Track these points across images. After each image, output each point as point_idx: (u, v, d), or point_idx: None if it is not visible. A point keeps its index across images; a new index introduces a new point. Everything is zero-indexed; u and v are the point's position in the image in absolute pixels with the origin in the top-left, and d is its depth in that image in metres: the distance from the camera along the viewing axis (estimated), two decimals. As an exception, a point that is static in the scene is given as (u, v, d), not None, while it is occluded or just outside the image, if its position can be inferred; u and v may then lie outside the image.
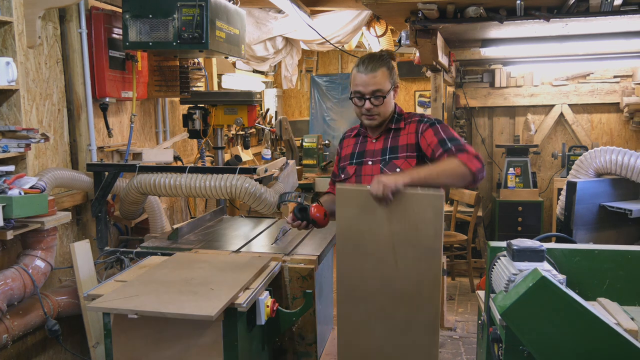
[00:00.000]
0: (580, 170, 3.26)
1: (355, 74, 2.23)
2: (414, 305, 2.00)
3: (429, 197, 1.95)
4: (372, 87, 2.18)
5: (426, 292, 1.98)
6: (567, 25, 3.39)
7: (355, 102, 2.25)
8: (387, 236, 1.99)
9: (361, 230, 2.02)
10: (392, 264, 2.00)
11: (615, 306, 1.82)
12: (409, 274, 1.99)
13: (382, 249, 2.00)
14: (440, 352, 3.91)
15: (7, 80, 2.64)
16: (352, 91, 2.24)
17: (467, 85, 6.19)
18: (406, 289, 2.00)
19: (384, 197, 1.94)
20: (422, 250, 1.97)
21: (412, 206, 1.96)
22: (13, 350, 2.80)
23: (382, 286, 2.02)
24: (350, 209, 2.03)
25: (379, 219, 1.99)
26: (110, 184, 3.22)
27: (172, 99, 4.40)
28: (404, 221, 1.97)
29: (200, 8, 3.01)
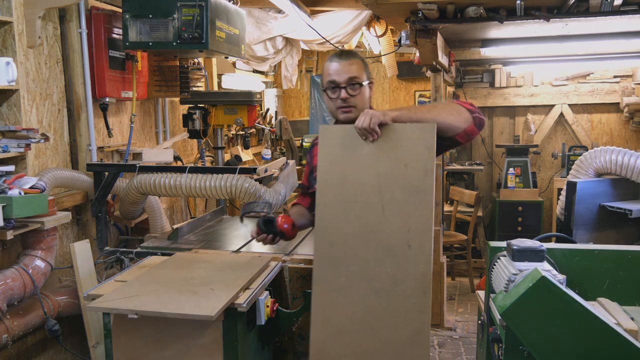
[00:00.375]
0: (580, 170, 3.26)
1: (328, 65, 2.04)
2: (402, 260, 1.74)
3: (420, 128, 1.77)
4: (347, 75, 1.99)
5: (416, 241, 1.74)
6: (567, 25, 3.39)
7: (329, 95, 2.03)
8: (373, 178, 1.79)
9: (344, 173, 1.82)
10: (378, 210, 1.77)
11: (615, 306, 1.82)
12: (396, 221, 1.75)
13: (367, 194, 1.79)
14: (440, 352, 3.91)
15: (7, 80, 2.64)
16: (325, 83, 2.04)
17: (467, 85, 6.19)
18: (393, 239, 1.75)
19: (371, 129, 1.77)
20: (411, 192, 1.75)
21: (401, 140, 1.77)
22: (13, 350, 2.80)
23: (366, 239, 1.78)
24: (333, 148, 1.83)
25: (365, 159, 1.80)
26: (110, 184, 3.22)
27: (172, 99, 4.40)
28: (391, 158, 1.78)
29: (200, 8, 3.01)
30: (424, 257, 1.73)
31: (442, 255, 4.32)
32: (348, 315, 1.78)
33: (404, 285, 1.73)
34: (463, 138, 1.90)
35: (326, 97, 2.04)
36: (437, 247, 4.26)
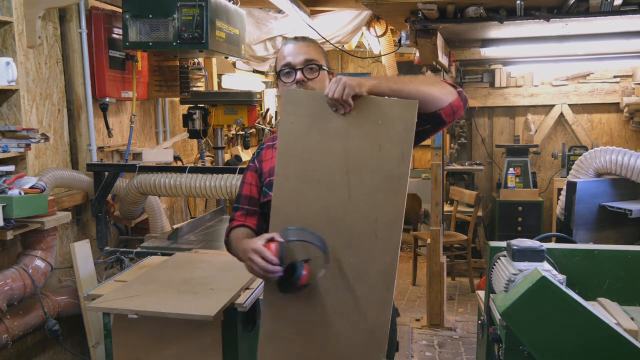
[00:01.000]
0: (580, 170, 3.26)
1: (282, 48, 1.80)
2: (367, 250, 1.56)
3: (400, 104, 1.54)
4: (303, 56, 1.74)
5: (384, 232, 1.54)
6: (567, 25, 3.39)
7: (283, 81, 1.75)
8: (341, 156, 1.57)
9: (308, 147, 1.58)
10: (343, 194, 1.56)
11: (615, 306, 1.82)
12: (363, 207, 1.55)
13: (333, 174, 1.57)
14: (440, 352, 3.91)
15: (7, 80, 2.64)
16: (278, 68, 1.77)
17: (467, 85, 6.18)
18: (359, 227, 1.56)
19: (343, 100, 1.52)
20: (383, 177, 1.54)
21: (377, 116, 1.54)
22: (13, 350, 2.80)
23: (327, 223, 1.56)
24: (297, 117, 1.59)
25: (333, 134, 1.57)
26: (110, 184, 3.22)
27: (172, 99, 4.40)
28: (364, 137, 1.55)
29: (200, 8, 3.01)
30: (391, 250, 1.55)
31: (442, 255, 4.32)
32: (301, 304, 1.60)
33: (367, 278, 1.56)
34: (448, 114, 1.66)
35: (280, 85, 1.77)
36: (437, 247, 4.26)
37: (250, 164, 1.89)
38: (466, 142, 6.27)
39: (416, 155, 6.98)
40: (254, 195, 1.83)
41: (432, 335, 4.21)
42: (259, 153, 1.87)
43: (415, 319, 4.49)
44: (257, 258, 1.51)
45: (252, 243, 1.55)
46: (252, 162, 1.88)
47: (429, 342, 4.09)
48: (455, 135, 6.17)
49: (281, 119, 1.61)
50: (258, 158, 1.87)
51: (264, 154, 1.86)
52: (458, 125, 6.13)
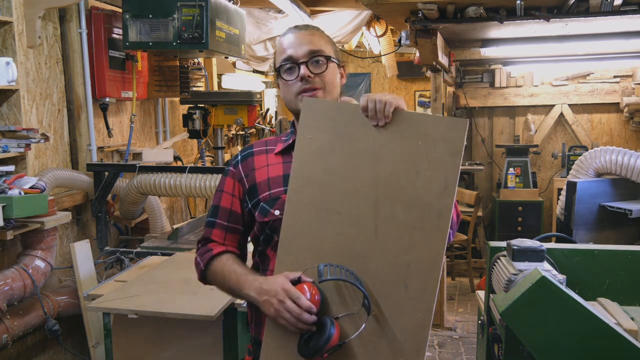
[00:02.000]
0: (580, 170, 3.26)
1: (281, 40, 1.49)
2: (394, 303, 1.26)
3: (446, 122, 1.28)
4: (307, 47, 1.44)
5: (416, 282, 1.25)
6: (567, 25, 3.39)
7: (284, 78, 1.45)
8: (369, 183, 1.28)
9: (329, 170, 1.30)
10: (369, 229, 1.28)
11: (615, 306, 1.82)
12: (392, 248, 1.26)
13: (357, 204, 1.28)
14: (440, 352, 3.91)
15: (7, 80, 2.64)
16: (279, 64, 1.47)
17: (467, 85, 6.18)
18: (385, 273, 1.26)
19: (384, 113, 1.27)
20: (420, 211, 1.26)
21: (417, 136, 1.27)
22: (13, 350, 2.80)
23: (347, 265, 1.28)
24: (318, 132, 1.31)
25: (360, 154, 1.29)
26: (110, 184, 3.22)
27: (172, 99, 4.40)
28: (399, 161, 1.27)
29: (200, 8, 3.01)
30: (424, 305, 1.25)
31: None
32: None
33: (392, 338, 1.26)
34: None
35: (281, 84, 1.48)
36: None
37: (230, 169, 1.53)
38: (466, 142, 6.27)
39: (416, 155, 6.95)
40: (236, 209, 1.50)
41: (432, 335, 4.21)
42: (246, 159, 1.52)
43: (415, 319, 4.48)
44: (290, 304, 1.20)
45: (278, 282, 1.25)
46: (235, 168, 1.52)
47: (429, 342, 4.08)
48: (455, 135, 6.16)
49: (299, 133, 1.34)
50: (245, 165, 1.51)
51: (256, 161, 1.51)
52: (458, 125, 6.12)
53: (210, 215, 1.52)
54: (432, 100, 4.34)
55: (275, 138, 1.56)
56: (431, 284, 1.25)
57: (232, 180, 1.51)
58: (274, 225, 1.41)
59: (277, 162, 1.49)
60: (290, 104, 1.46)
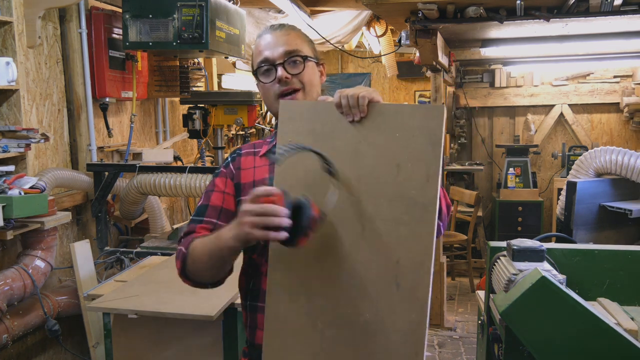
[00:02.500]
0: (580, 170, 3.26)
1: (257, 42, 1.47)
2: (386, 303, 1.23)
3: (423, 110, 1.24)
4: (283, 47, 1.42)
5: (407, 279, 1.21)
6: (567, 25, 3.39)
7: (262, 81, 1.44)
8: (351, 181, 1.24)
9: (310, 171, 1.26)
10: (354, 229, 1.24)
11: (615, 306, 1.82)
12: (380, 246, 1.23)
13: (341, 203, 1.25)
14: (440, 352, 3.91)
15: (7, 80, 2.64)
16: (256, 66, 1.45)
17: (467, 85, 6.19)
18: (375, 273, 1.23)
19: (359, 108, 1.23)
20: (405, 206, 1.22)
21: (394, 128, 1.23)
22: (13, 350, 2.80)
23: (335, 267, 1.25)
24: (296, 134, 1.28)
25: (340, 153, 1.25)
26: (110, 184, 3.22)
27: (172, 99, 4.40)
28: (378, 155, 1.24)
29: (200, 8, 3.01)
30: (417, 302, 1.21)
31: (442, 255, 4.32)
32: None
33: (387, 340, 1.22)
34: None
35: (260, 87, 1.46)
36: (437, 247, 4.26)
37: (221, 169, 1.49)
38: (466, 142, 6.28)
39: (416, 155, 6.96)
40: (228, 207, 1.43)
41: (432, 335, 4.21)
42: (235, 159, 1.49)
43: (415, 319, 4.49)
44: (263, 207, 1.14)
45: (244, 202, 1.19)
46: (226, 168, 1.49)
47: (429, 342, 4.09)
48: (455, 135, 6.17)
49: (278, 137, 1.30)
50: (234, 164, 1.49)
51: (243, 161, 1.48)
52: (458, 125, 6.13)
53: (197, 215, 1.44)
54: (432, 100, 4.34)
55: (263, 141, 1.53)
56: (423, 280, 1.21)
57: (224, 178, 1.47)
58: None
59: (262, 164, 1.46)
60: (271, 107, 1.43)
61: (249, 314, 1.46)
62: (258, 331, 1.41)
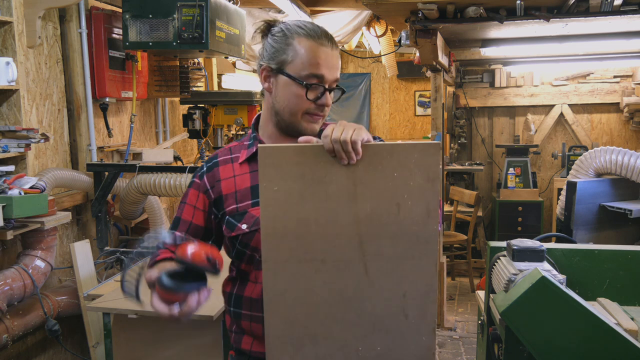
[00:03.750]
0: (580, 170, 3.26)
1: (315, 47, 1.34)
2: (397, 334, 1.27)
3: (419, 148, 1.23)
4: (337, 73, 1.38)
5: (415, 309, 1.27)
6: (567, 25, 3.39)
7: (307, 95, 1.35)
8: (350, 224, 1.24)
9: (303, 219, 1.24)
10: (358, 271, 1.26)
11: (615, 306, 1.82)
12: (385, 283, 1.26)
13: (342, 248, 1.25)
14: (440, 352, 3.92)
15: (7, 80, 2.64)
16: (304, 74, 1.34)
17: (467, 85, 6.19)
18: (383, 308, 1.26)
19: (354, 152, 1.18)
20: (407, 242, 1.25)
21: (391, 167, 1.23)
22: (13, 350, 2.80)
23: (342, 311, 1.26)
24: (284, 181, 1.23)
25: (335, 196, 1.23)
26: (110, 184, 3.22)
27: (172, 99, 4.40)
28: (378, 195, 1.23)
29: (200, 8, 3.01)
30: (426, 328, 1.27)
31: (442, 255, 4.32)
32: None
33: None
34: None
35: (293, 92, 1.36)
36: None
37: (195, 180, 1.44)
38: (466, 142, 6.28)
39: (416, 155, 6.96)
40: (197, 222, 1.42)
41: (432, 335, 4.21)
42: (212, 169, 1.43)
43: (415, 319, 4.49)
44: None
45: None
46: (200, 179, 1.43)
47: (429, 342, 4.09)
48: (455, 135, 6.18)
49: (261, 186, 1.21)
50: (211, 175, 1.42)
51: (221, 171, 1.42)
52: (458, 125, 6.14)
53: (171, 227, 1.45)
54: (432, 100, 4.35)
55: (239, 144, 1.47)
56: (430, 307, 1.26)
57: (197, 192, 1.43)
58: (243, 240, 1.36)
59: (243, 172, 1.41)
60: (292, 116, 1.37)
61: (233, 320, 1.45)
62: (245, 337, 1.41)
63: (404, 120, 7.19)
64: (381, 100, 7.24)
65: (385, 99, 7.23)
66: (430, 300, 1.26)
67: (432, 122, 4.32)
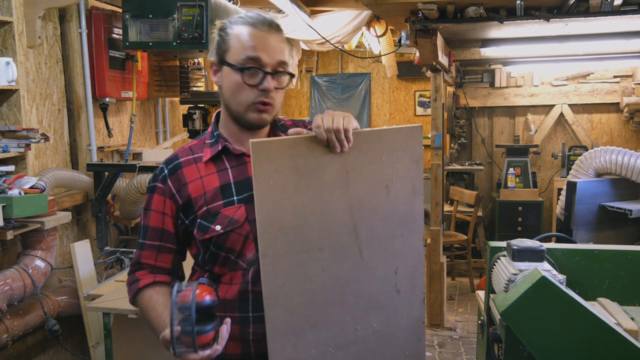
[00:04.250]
0: (580, 170, 3.26)
1: (249, 31, 1.31)
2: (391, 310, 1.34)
3: (404, 132, 1.29)
4: (279, 57, 1.32)
5: (406, 283, 1.34)
6: (567, 25, 3.39)
7: (244, 80, 1.30)
8: (344, 211, 1.27)
9: (299, 211, 1.25)
10: (354, 255, 1.29)
11: (615, 306, 1.82)
12: (379, 263, 1.31)
13: (338, 235, 1.27)
14: (440, 352, 3.91)
15: (7, 80, 2.64)
16: (241, 58, 1.30)
17: (467, 85, 6.19)
18: (377, 287, 1.32)
19: (345, 136, 1.22)
20: (396, 222, 1.30)
21: (379, 152, 1.27)
22: (13, 350, 2.80)
23: (341, 295, 1.29)
24: (278, 175, 1.22)
25: (329, 185, 1.25)
26: (110, 184, 3.22)
27: (172, 99, 4.40)
28: (368, 180, 1.28)
29: (200, 8, 3.01)
30: (416, 300, 1.35)
31: (442, 255, 4.32)
32: None
33: (395, 339, 1.36)
34: None
35: (232, 79, 1.31)
36: (437, 247, 4.26)
37: (157, 184, 1.37)
38: (466, 142, 6.28)
39: (416, 155, 6.96)
40: (168, 228, 1.37)
41: (432, 335, 4.21)
42: (174, 172, 1.36)
43: (415, 319, 4.49)
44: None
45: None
46: (163, 184, 1.36)
47: (429, 342, 4.09)
48: (455, 135, 6.18)
49: (255, 181, 1.20)
50: (174, 179, 1.35)
51: (186, 173, 1.35)
52: (458, 125, 6.13)
53: (141, 237, 1.40)
54: (432, 100, 4.34)
55: (199, 142, 1.42)
56: (419, 280, 1.35)
57: (162, 197, 1.36)
58: (218, 242, 1.31)
59: (209, 172, 1.35)
60: (238, 106, 1.33)
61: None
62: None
63: (404, 120, 7.19)
64: (381, 100, 7.24)
65: (385, 99, 7.23)
66: (419, 273, 1.35)
67: (432, 122, 4.32)
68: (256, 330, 1.32)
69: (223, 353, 1.35)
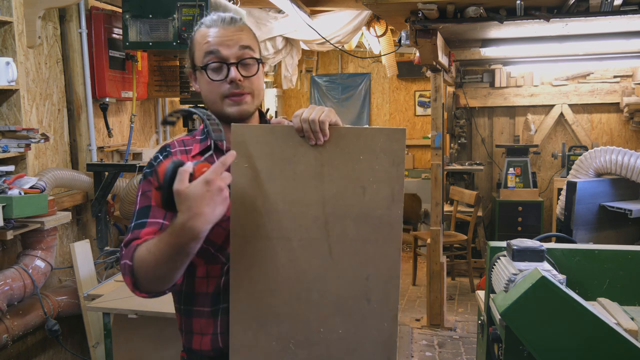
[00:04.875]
0: (580, 170, 3.26)
1: (205, 32, 1.36)
2: (359, 318, 1.29)
3: (385, 133, 1.26)
4: (238, 44, 1.34)
5: (377, 293, 1.28)
6: (567, 25, 3.39)
7: (209, 77, 1.33)
8: (316, 205, 1.27)
9: (271, 197, 1.26)
10: (323, 251, 1.28)
11: (615, 306, 1.82)
12: (349, 265, 1.28)
13: (307, 228, 1.27)
14: (440, 352, 3.92)
15: (7, 80, 2.64)
16: (202, 58, 1.35)
17: (467, 85, 6.19)
18: (346, 291, 1.28)
19: (322, 132, 1.23)
20: (371, 225, 1.27)
21: (357, 151, 1.26)
22: (13, 350, 2.80)
23: (306, 291, 1.28)
24: (255, 159, 1.26)
25: (302, 176, 1.26)
26: (110, 184, 3.22)
27: (172, 99, 4.40)
28: (343, 178, 1.26)
29: (200, 8, 3.01)
30: (388, 314, 1.28)
31: (442, 255, 4.32)
32: None
33: (361, 351, 1.29)
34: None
35: (204, 82, 1.35)
36: (437, 247, 4.26)
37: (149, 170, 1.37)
38: (466, 142, 6.28)
39: (416, 155, 6.99)
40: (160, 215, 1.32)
41: (432, 335, 4.21)
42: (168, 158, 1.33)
43: (415, 319, 4.49)
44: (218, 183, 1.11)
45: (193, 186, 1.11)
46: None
47: (429, 342, 4.09)
48: (455, 135, 6.18)
49: (233, 164, 1.22)
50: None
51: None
52: (458, 125, 6.13)
53: (139, 218, 1.31)
54: (432, 100, 4.34)
55: (191, 138, 1.44)
56: (392, 292, 1.28)
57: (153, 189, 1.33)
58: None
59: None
60: (215, 105, 1.36)
61: (183, 318, 1.40)
62: (195, 336, 1.37)
63: (404, 120, 7.19)
64: (381, 100, 7.24)
65: (385, 99, 7.23)
66: (393, 285, 1.28)
67: (432, 122, 4.32)
68: (224, 322, 1.32)
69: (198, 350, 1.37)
